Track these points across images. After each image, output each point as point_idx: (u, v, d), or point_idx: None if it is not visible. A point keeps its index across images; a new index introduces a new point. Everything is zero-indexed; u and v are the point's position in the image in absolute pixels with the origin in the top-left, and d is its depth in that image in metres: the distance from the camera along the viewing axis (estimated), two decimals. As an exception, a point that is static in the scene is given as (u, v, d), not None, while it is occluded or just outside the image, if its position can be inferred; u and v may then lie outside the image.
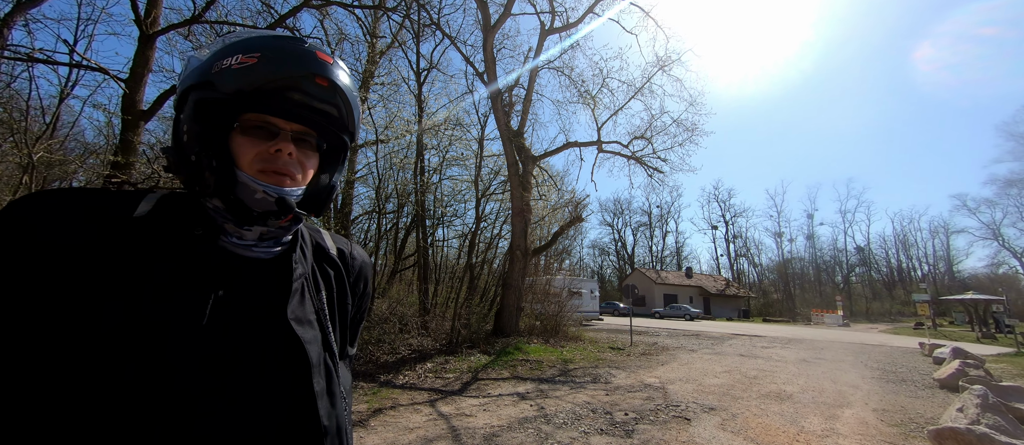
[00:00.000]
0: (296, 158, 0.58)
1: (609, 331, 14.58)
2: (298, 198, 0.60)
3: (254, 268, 0.58)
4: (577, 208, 12.91)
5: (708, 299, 38.14)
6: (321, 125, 0.61)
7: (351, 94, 0.61)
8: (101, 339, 0.43)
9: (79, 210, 0.50)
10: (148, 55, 5.97)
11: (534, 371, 6.47)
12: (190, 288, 0.50)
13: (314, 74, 0.57)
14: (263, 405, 0.51)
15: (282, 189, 0.57)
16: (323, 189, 0.66)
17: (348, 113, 0.62)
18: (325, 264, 0.68)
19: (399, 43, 12.32)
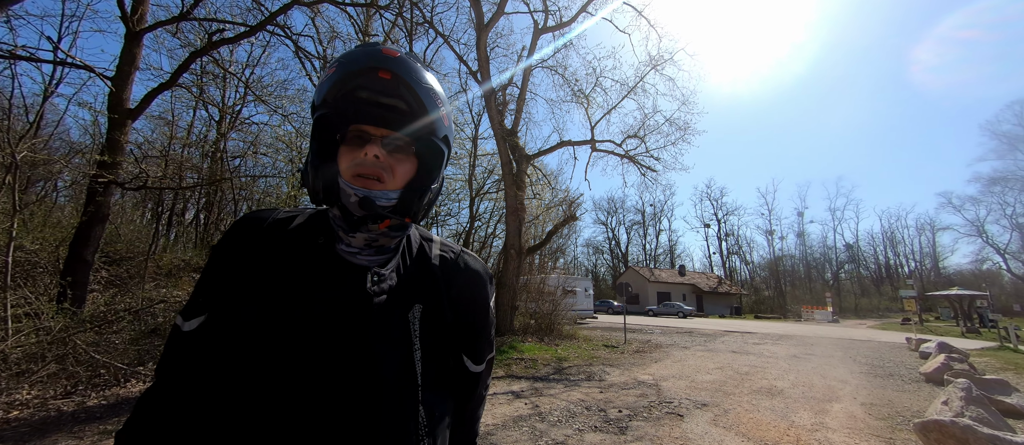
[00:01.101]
0: (384, 161, 0.60)
1: (603, 329, 14.65)
2: (391, 201, 0.62)
3: (358, 274, 0.63)
4: (571, 207, 12.95)
5: (701, 297, 38.51)
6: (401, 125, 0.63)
7: (426, 90, 0.60)
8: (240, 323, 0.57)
9: (257, 226, 0.65)
10: (135, 53, 5.87)
11: (529, 369, 6.48)
12: (303, 288, 0.60)
13: (376, 68, 0.58)
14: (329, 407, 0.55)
15: (369, 191, 0.60)
16: (416, 193, 0.64)
17: (421, 108, 0.60)
18: (425, 275, 0.68)
19: (392, 42, 12.24)
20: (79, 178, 8.06)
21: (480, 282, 0.74)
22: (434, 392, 0.63)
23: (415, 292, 0.65)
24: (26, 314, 4.31)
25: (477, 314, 0.73)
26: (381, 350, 0.59)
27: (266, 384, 0.54)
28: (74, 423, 3.37)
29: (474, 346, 0.73)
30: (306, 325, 0.57)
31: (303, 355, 0.55)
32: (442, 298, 0.67)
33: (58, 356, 4.07)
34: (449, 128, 0.66)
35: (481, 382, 0.76)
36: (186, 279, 7.88)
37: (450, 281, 0.69)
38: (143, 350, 4.84)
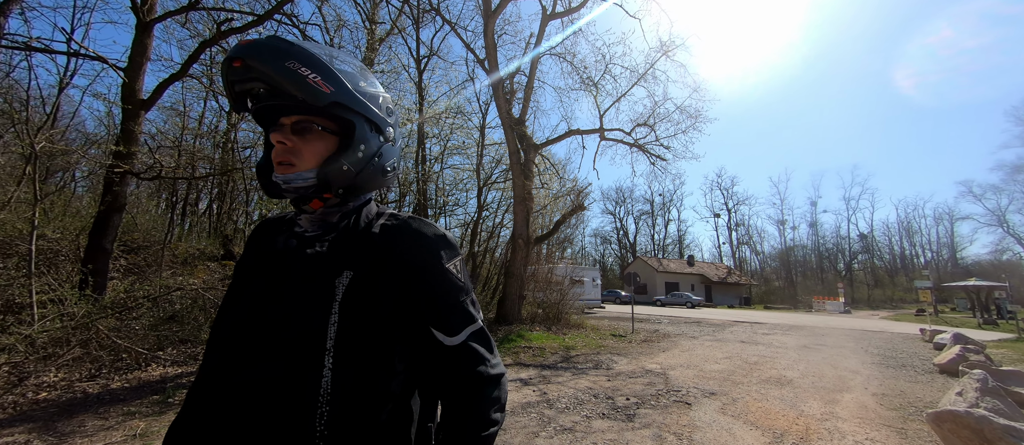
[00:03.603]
0: (291, 145, 0.65)
1: (611, 319, 14.67)
2: (307, 181, 0.65)
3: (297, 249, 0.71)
4: (579, 197, 12.87)
5: (710, 287, 38.27)
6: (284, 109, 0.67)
7: (286, 68, 0.59)
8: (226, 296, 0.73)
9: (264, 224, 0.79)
10: (146, 43, 5.93)
11: (537, 358, 6.53)
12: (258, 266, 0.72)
13: (231, 59, 0.60)
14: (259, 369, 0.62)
15: (283, 175, 0.66)
16: (332, 170, 0.66)
17: (289, 85, 0.60)
18: (361, 243, 0.69)
19: (399, 29, 12.16)
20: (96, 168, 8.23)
21: (427, 243, 0.69)
22: (357, 363, 0.61)
23: (346, 260, 0.66)
24: (51, 300, 4.45)
25: (430, 279, 0.68)
26: (290, 314, 0.63)
27: (210, 347, 0.68)
28: (99, 405, 3.50)
29: (438, 315, 0.67)
30: (240, 294, 0.70)
31: (232, 321, 0.68)
32: (379, 266, 0.66)
33: (82, 341, 4.21)
34: (354, 99, 0.66)
35: (465, 358, 0.67)
36: (201, 268, 8.06)
37: (392, 247, 0.68)
38: (162, 336, 4.98)
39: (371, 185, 0.73)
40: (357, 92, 0.67)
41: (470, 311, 0.70)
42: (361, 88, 0.68)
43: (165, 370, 4.42)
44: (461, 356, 0.67)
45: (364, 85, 0.69)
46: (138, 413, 3.37)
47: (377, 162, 0.71)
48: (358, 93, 0.67)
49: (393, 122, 0.75)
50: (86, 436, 2.93)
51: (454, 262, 0.71)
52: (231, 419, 0.60)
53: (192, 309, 5.83)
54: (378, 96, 0.72)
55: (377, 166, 0.72)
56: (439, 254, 0.70)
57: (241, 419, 0.59)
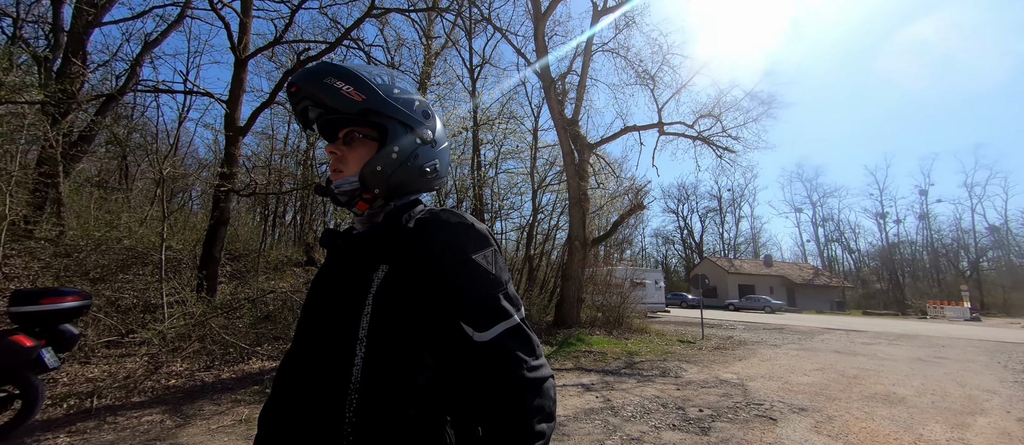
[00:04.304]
0: (340, 154, 0.74)
1: (677, 324, 13.81)
2: (352, 184, 0.73)
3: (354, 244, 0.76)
4: (638, 195, 12.32)
5: (792, 290, 34.41)
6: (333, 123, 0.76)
7: (327, 86, 0.68)
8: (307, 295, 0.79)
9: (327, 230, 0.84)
10: (242, 77, 6.80)
11: (598, 362, 6.35)
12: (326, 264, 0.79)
13: (289, 86, 0.70)
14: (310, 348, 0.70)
15: (335, 181, 0.74)
16: (367, 171, 0.72)
17: (333, 102, 0.68)
18: (396, 238, 0.70)
19: (452, 42, 12.66)
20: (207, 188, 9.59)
21: (452, 233, 0.68)
22: (387, 354, 0.63)
23: (382, 254, 0.68)
24: (176, 301, 5.26)
25: (454, 269, 0.66)
26: (331, 307, 0.69)
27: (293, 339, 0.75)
28: (213, 392, 4.06)
29: (465, 308, 0.65)
30: (310, 292, 0.76)
31: (303, 316, 0.74)
32: (410, 259, 0.67)
33: (200, 336, 4.92)
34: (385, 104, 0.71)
35: (498, 357, 0.63)
36: (289, 272, 9.02)
37: (420, 239, 0.68)
38: (260, 333, 5.65)
39: (411, 185, 0.76)
40: (389, 98, 0.71)
41: (503, 306, 0.66)
42: (394, 94, 0.72)
43: (263, 363, 5.00)
44: (493, 354, 0.63)
45: (398, 91, 0.73)
46: (243, 401, 3.84)
47: (413, 163, 0.74)
48: (390, 98, 0.71)
49: (431, 124, 0.77)
50: (204, 419, 3.40)
51: (484, 253, 0.68)
52: (290, 402, 0.67)
53: (282, 309, 6.55)
54: (412, 100, 0.74)
55: (413, 166, 0.74)
56: (464, 244, 0.67)
57: (295, 403, 0.66)
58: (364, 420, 0.61)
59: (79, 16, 7.51)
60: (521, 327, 0.67)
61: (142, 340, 4.59)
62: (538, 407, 0.63)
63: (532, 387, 0.63)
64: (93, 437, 2.97)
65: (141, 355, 4.47)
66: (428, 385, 0.65)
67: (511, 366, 0.63)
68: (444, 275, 0.65)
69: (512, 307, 0.67)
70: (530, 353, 0.65)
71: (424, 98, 0.78)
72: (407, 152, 0.73)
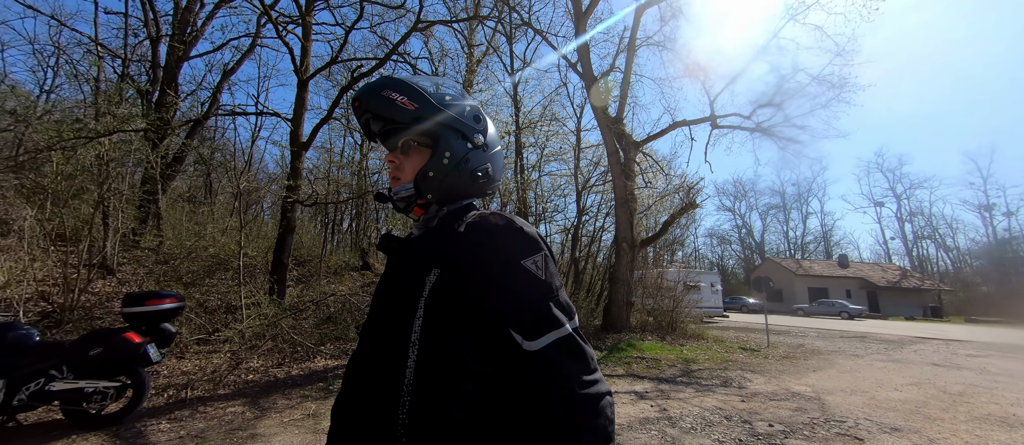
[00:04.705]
0: (397, 162, 0.77)
1: (737, 330, 12.87)
2: (408, 191, 0.75)
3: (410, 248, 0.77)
4: (689, 193, 11.68)
5: (874, 293, 30.76)
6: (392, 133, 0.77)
7: (383, 98, 0.72)
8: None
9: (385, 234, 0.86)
10: (304, 97, 7.38)
11: (651, 369, 6.07)
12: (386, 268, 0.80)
13: (353, 102, 0.76)
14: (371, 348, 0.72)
15: (393, 188, 0.78)
16: (420, 177, 0.74)
17: (389, 113, 0.72)
18: (447, 241, 0.70)
19: (493, 49, 12.85)
20: (276, 200, 10.50)
21: (499, 236, 0.67)
22: (436, 358, 0.63)
23: (435, 259, 0.68)
24: (253, 303, 5.80)
25: (502, 274, 0.64)
26: (388, 310, 0.71)
27: None
28: (285, 387, 4.41)
29: (513, 315, 0.63)
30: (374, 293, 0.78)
31: (367, 317, 0.76)
32: (460, 263, 0.66)
33: (272, 336, 5.38)
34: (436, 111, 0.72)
35: (548, 369, 0.60)
36: (347, 277, 9.61)
37: (469, 243, 0.67)
38: (323, 333, 6.06)
39: (463, 190, 0.76)
40: (440, 105, 0.73)
41: (554, 314, 0.63)
42: (446, 101, 0.74)
43: (326, 362, 5.35)
44: (542, 366, 0.61)
45: (449, 98, 0.75)
46: (310, 397, 4.13)
47: (465, 167, 0.75)
48: (441, 105, 0.73)
49: (482, 128, 0.78)
50: (277, 412, 3.70)
51: (534, 258, 0.66)
52: (355, 400, 0.70)
53: (342, 311, 6.99)
54: (463, 106, 0.76)
55: (465, 171, 0.75)
56: (513, 249, 0.66)
57: (359, 401, 0.68)
58: (416, 422, 0.61)
59: (172, 53, 8.59)
60: (573, 338, 0.63)
61: (225, 338, 5.10)
62: (592, 428, 0.59)
63: (586, 405, 0.59)
64: (188, 424, 3.34)
65: (224, 352, 4.97)
66: (476, 392, 0.64)
67: (562, 380, 0.60)
68: (492, 280, 0.64)
69: (564, 316, 0.64)
70: (584, 367, 0.62)
71: (475, 103, 0.79)
72: (458, 157, 0.74)
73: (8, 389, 2.87)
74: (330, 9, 8.31)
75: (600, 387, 0.61)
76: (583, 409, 0.59)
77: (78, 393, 3.05)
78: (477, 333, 0.64)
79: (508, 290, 0.64)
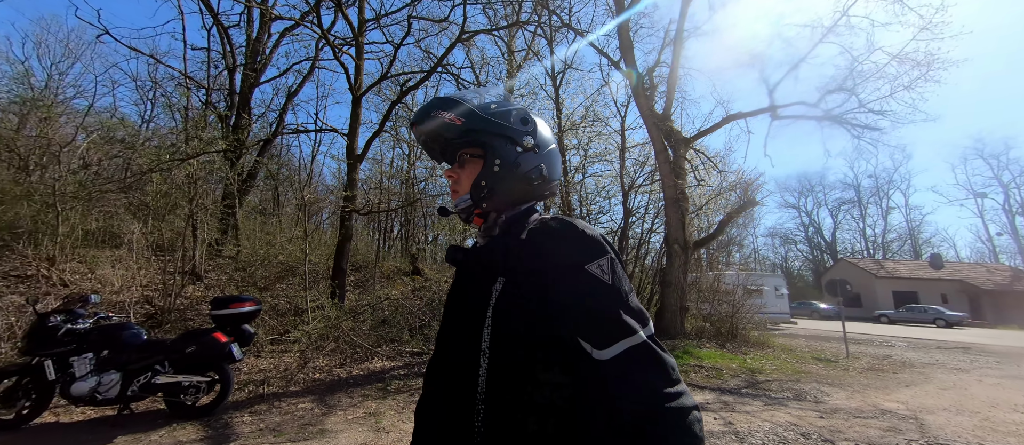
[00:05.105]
0: (455, 176, 0.79)
1: (807, 337, 11.75)
2: (466, 202, 0.77)
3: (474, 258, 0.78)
4: (747, 191, 10.91)
5: (977, 298, 26.71)
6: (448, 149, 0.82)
7: (433, 119, 0.75)
8: None
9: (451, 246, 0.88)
10: (358, 112, 7.86)
11: (712, 379, 5.69)
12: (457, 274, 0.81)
13: (411, 128, 0.81)
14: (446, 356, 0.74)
15: (453, 201, 0.80)
16: (474, 187, 0.76)
17: (440, 131, 0.75)
18: (511, 250, 0.70)
19: (534, 52, 12.90)
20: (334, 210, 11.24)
21: (559, 241, 0.65)
22: (506, 367, 0.62)
23: (499, 267, 0.68)
24: (317, 307, 6.23)
25: (566, 281, 0.62)
26: (458, 319, 0.72)
27: None
28: (347, 386, 4.68)
29: (581, 323, 0.61)
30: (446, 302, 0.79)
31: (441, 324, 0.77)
32: (524, 271, 0.65)
33: (335, 337, 5.74)
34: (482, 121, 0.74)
35: (621, 380, 0.57)
36: (399, 282, 10.04)
37: (532, 250, 0.67)
38: (379, 335, 6.36)
39: (519, 194, 0.77)
40: (486, 115, 0.74)
41: (625, 321, 0.60)
42: (491, 110, 0.75)
43: (383, 363, 5.61)
44: (615, 377, 0.57)
45: (494, 106, 0.76)
46: (370, 396, 4.34)
47: (517, 172, 0.75)
48: (486, 115, 0.74)
49: (530, 129, 0.77)
50: (342, 409, 3.93)
51: (598, 262, 0.63)
52: (435, 405, 0.72)
53: (395, 315, 7.30)
54: (508, 112, 0.76)
55: (516, 175, 0.75)
56: (575, 254, 0.64)
57: (438, 406, 0.70)
58: (491, 431, 0.61)
59: (245, 80, 9.55)
60: (648, 345, 0.59)
61: (294, 339, 5.52)
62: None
63: (668, 421, 0.55)
64: (266, 418, 3.65)
65: (294, 352, 5.37)
66: (547, 402, 0.61)
67: (638, 392, 0.56)
68: (556, 288, 0.62)
69: (636, 322, 0.61)
70: (663, 377, 0.58)
71: (522, 106, 0.80)
72: (509, 162, 0.74)
73: (123, 381, 3.31)
74: (380, 28, 8.80)
75: (685, 400, 0.57)
76: (668, 425, 0.55)
77: (177, 386, 3.44)
78: (547, 343, 0.63)
79: (573, 298, 0.62)
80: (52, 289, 5.36)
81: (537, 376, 0.62)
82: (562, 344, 0.62)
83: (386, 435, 3.32)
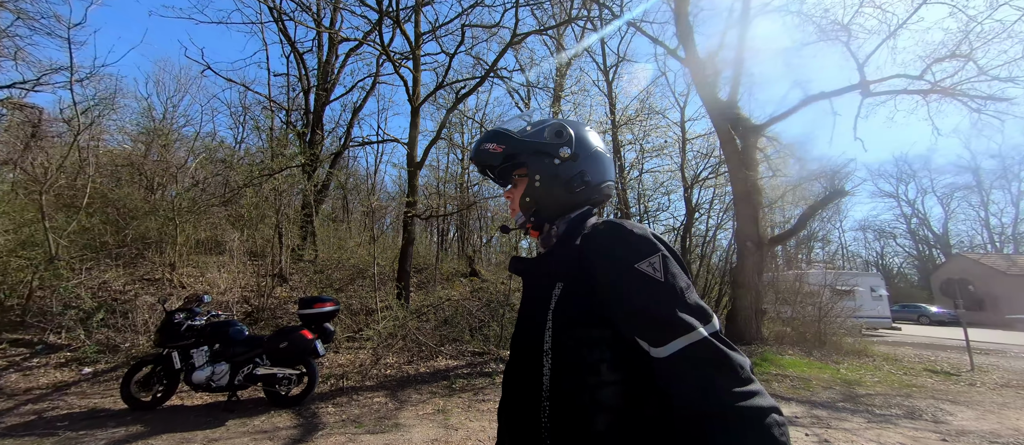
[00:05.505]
0: (510, 198, 0.88)
1: (915, 346, 10.17)
2: (520, 219, 0.85)
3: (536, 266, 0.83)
4: (833, 180, 9.71)
5: None
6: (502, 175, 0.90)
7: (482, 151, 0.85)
8: None
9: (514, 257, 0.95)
10: (416, 122, 8.24)
11: (799, 391, 5.13)
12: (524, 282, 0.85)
13: (471, 162, 0.92)
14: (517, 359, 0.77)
15: (514, 218, 0.88)
16: (521, 204, 0.85)
17: (488, 161, 0.85)
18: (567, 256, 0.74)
19: (585, 48, 12.64)
20: (397, 215, 11.91)
21: (607, 243, 0.67)
22: (568, 367, 0.65)
23: (558, 272, 0.72)
24: (385, 307, 6.63)
25: (618, 282, 0.63)
26: (525, 324, 0.76)
27: None
28: (415, 382, 4.91)
29: (636, 322, 0.61)
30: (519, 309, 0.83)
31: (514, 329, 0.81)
32: (579, 274, 0.68)
33: (402, 336, 6.06)
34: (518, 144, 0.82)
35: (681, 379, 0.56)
36: (457, 283, 10.38)
37: (585, 254, 0.69)
38: (442, 335, 6.60)
39: (563, 203, 0.82)
40: (521, 137, 0.82)
41: (681, 317, 0.58)
42: (526, 132, 0.83)
43: (447, 362, 5.81)
44: (674, 375, 0.57)
45: (529, 128, 0.84)
46: (437, 394, 4.52)
47: (556, 182, 0.81)
48: (522, 137, 0.82)
49: (565, 140, 0.81)
50: (412, 405, 4.13)
51: (650, 260, 0.63)
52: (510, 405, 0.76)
53: (455, 315, 7.54)
54: (542, 129, 0.83)
55: (557, 185, 0.81)
56: (623, 254, 0.64)
57: (512, 406, 0.75)
58: (557, 427, 0.64)
59: (318, 99, 10.49)
60: (709, 342, 0.57)
61: (367, 337, 5.92)
62: None
63: (739, 422, 0.52)
64: (346, 410, 3.94)
65: (367, 349, 5.76)
66: (612, 402, 0.63)
67: (698, 391, 0.55)
68: (609, 289, 0.64)
69: (695, 318, 0.59)
70: (730, 376, 0.55)
71: (557, 119, 0.85)
72: (547, 175, 0.81)
73: (231, 371, 3.77)
74: (436, 38, 9.17)
75: (759, 401, 0.53)
76: (739, 427, 0.52)
77: (273, 377, 3.85)
78: (605, 343, 0.65)
79: (626, 297, 0.62)
80: (174, 290, 6.28)
81: (599, 375, 0.64)
82: (622, 343, 0.64)
83: (455, 432, 3.42)
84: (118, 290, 6.06)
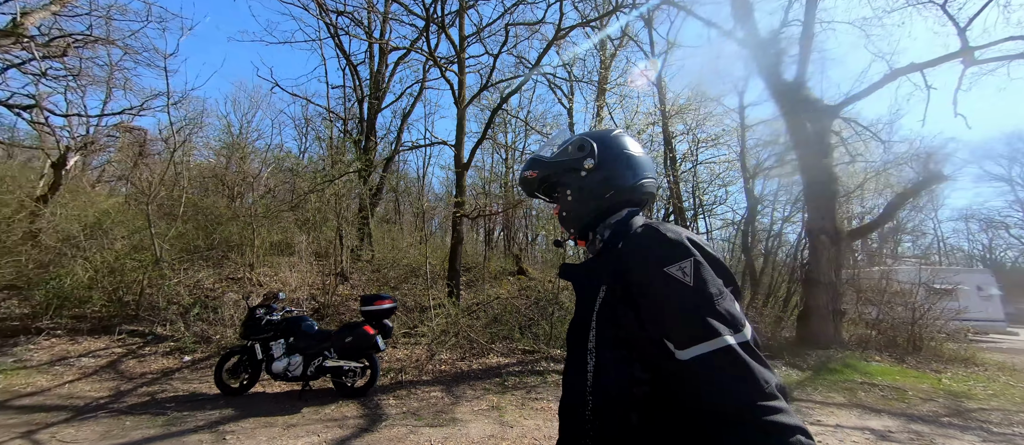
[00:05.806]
0: (558, 214, 0.94)
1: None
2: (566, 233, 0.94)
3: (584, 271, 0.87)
4: (929, 163, 8.49)
5: None
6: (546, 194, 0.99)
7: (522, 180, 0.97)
8: None
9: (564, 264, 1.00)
10: (463, 123, 8.41)
11: (892, 402, 4.56)
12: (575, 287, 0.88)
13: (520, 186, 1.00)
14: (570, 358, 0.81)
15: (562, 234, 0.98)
16: (559, 219, 0.94)
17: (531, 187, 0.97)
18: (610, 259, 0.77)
19: (630, 38, 12.17)
20: (446, 215, 12.27)
21: (641, 247, 0.71)
22: (609, 363, 0.70)
23: (601, 277, 0.75)
24: (438, 305, 6.86)
25: (649, 284, 0.66)
26: (574, 326, 0.79)
27: None
28: (468, 378, 5.02)
29: (664, 324, 0.64)
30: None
31: None
32: (618, 278, 0.71)
33: (454, 333, 6.22)
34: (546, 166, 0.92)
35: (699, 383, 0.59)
36: (505, 281, 10.47)
37: (623, 257, 0.72)
38: (493, 333, 6.69)
39: (595, 210, 0.86)
40: (549, 159, 0.92)
41: (709, 323, 0.60)
42: (554, 153, 0.92)
43: (498, 359, 5.88)
44: (695, 379, 0.59)
45: (555, 149, 0.93)
46: (491, 390, 4.58)
47: (585, 193, 0.87)
48: (549, 159, 0.91)
49: (586, 152, 0.86)
50: (467, 401, 4.22)
51: (680, 265, 0.64)
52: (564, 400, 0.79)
53: (504, 313, 7.60)
54: (566, 145, 0.91)
55: (586, 196, 0.87)
56: (654, 257, 0.67)
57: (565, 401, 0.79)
58: (598, 420, 0.69)
59: (371, 107, 11.07)
60: (733, 350, 0.58)
61: (421, 333, 6.15)
62: None
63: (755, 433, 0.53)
64: (406, 403, 4.12)
65: (422, 345, 5.99)
66: (643, 398, 0.67)
67: (718, 398, 0.57)
68: (641, 290, 0.67)
69: (723, 325, 0.60)
70: (750, 387, 0.55)
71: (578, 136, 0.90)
72: (575, 188, 0.88)
73: (304, 363, 4.09)
74: (480, 40, 9.30)
75: (784, 418, 0.53)
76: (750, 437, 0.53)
77: (340, 370, 4.12)
78: (640, 342, 0.68)
79: (656, 299, 0.65)
80: (253, 288, 6.95)
81: (635, 373, 0.67)
82: (654, 344, 0.66)
83: (510, 429, 3.44)
84: (209, 288, 6.83)
